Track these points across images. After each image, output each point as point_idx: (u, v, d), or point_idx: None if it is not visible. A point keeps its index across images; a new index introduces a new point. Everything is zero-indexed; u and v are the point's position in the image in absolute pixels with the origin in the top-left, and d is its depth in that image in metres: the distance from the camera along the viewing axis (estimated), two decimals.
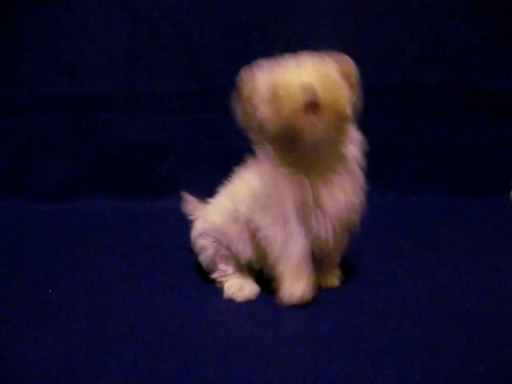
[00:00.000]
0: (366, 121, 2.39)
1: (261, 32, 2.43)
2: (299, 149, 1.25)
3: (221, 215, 1.44)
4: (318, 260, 1.42)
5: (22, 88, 2.50)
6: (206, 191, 1.62)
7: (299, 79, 1.19)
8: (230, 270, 1.46)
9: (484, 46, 2.47)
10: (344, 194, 1.33)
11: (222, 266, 1.47)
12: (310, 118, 1.18)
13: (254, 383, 1.03)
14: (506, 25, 2.45)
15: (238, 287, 1.42)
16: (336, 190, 1.31)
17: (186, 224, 1.65)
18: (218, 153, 2.49)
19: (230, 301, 1.41)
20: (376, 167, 2.51)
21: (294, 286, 1.33)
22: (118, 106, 2.51)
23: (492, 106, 2.53)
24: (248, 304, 1.39)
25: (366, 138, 2.40)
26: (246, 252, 1.41)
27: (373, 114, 2.47)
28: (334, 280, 1.50)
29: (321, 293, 1.45)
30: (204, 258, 1.51)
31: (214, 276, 1.49)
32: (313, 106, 1.17)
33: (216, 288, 1.50)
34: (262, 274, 1.44)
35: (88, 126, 2.53)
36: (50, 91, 2.50)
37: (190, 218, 1.66)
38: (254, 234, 1.36)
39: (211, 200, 1.55)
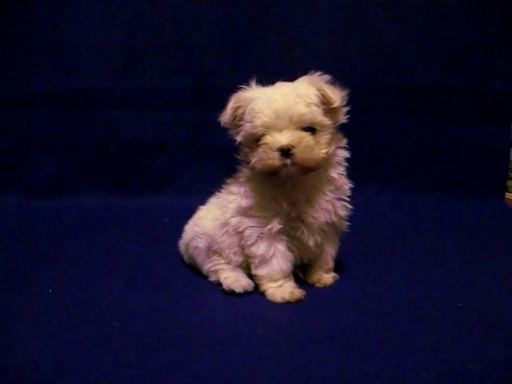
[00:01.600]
0: (362, 121, 2.43)
1: (257, 30, 2.43)
2: (279, 179, 1.35)
3: (211, 222, 1.51)
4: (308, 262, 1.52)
5: (18, 83, 2.50)
6: (201, 188, 1.63)
7: (277, 141, 1.27)
8: (222, 260, 1.50)
9: (480, 49, 2.48)
10: (325, 211, 1.40)
11: (214, 258, 1.51)
12: (284, 161, 1.28)
13: (244, 380, 1.03)
14: (502, 28, 2.46)
15: (235, 279, 1.45)
16: (317, 207, 1.39)
17: (179, 221, 1.65)
18: (213, 150, 2.49)
19: (222, 297, 1.42)
20: (372, 168, 2.56)
21: (276, 293, 1.39)
22: (114, 103, 2.50)
23: (488, 108, 2.54)
24: (240, 300, 1.39)
25: (362, 138, 2.45)
26: (236, 260, 1.49)
27: (369, 115, 2.49)
28: (328, 279, 1.51)
29: (315, 291, 1.46)
30: (197, 254, 1.54)
31: (207, 267, 1.52)
32: (286, 152, 1.27)
33: (208, 285, 1.50)
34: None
35: (83, 121, 2.53)
36: (46, 87, 2.49)
37: None
38: (243, 246, 1.45)
39: (202, 207, 1.60)
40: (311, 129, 1.31)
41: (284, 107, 1.27)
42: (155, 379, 1.03)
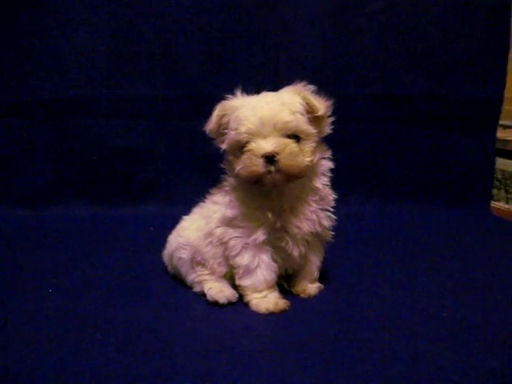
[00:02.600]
0: (347, 131, 2.44)
1: (243, 40, 2.44)
2: (263, 187, 1.34)
3: (195, 232, 1.50)
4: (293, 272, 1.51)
5: (3, 92, 2.47)
6: (187, 197, 1.63)
7: (262, 147, 1.27)
8: (206, 271, 1.49)
9: (465, 59, 2.51)
10: (310, 221, 1.40)
11: (198, 268, 1.50)
12: (269, 168, 1.27)
13: None
14: (487, 38, 2.49)
15: (219, 289, 1.44)
16: (301, 218, 1.40)
17: (164, 231, 1.64)
18: (198, 159, 2.49)
19: (206, 308, 1.41)
20: (358, 177, 2.56)
21: (261, 304, 1.39)
22: (100, 112, 2.49)
23: (473, 117, 2.56)
24: (224, 311, 1.38)
25: (347, 148, 2.46)
26: (220, 271, 1.48)
27: (354, 125, 2.49)
28: (312, 289, 1.51)
29: (299, 302, 1.45)
30: (181, 265, 1.53)
31: (191, 278, 1.51)
32: (270, 158, 1.26)
33: (192, 295, 1.49)
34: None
35: (69, 131, 2.51)
36: (32, 96, 2.47)
37: None
38: (227, 257, 1.44)
39: (185, 217, 1.60)
40: (296, 137, 1.31)
41: (269, 115, 1.28)
42: None
